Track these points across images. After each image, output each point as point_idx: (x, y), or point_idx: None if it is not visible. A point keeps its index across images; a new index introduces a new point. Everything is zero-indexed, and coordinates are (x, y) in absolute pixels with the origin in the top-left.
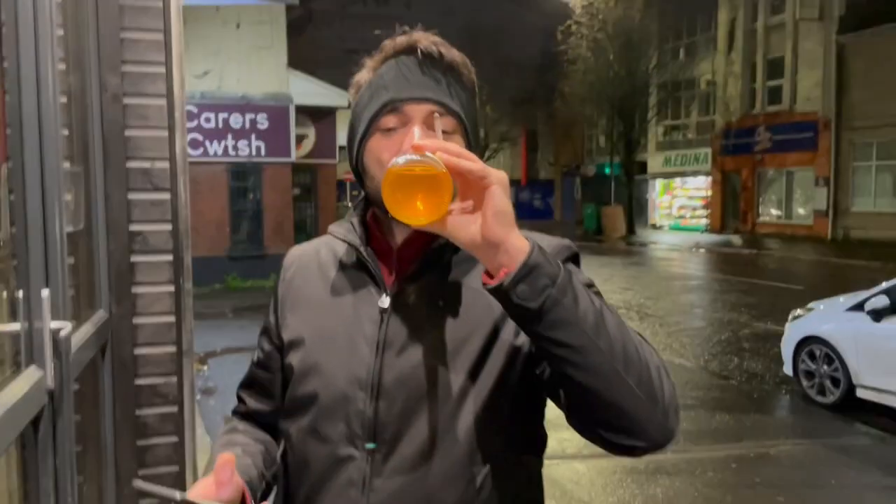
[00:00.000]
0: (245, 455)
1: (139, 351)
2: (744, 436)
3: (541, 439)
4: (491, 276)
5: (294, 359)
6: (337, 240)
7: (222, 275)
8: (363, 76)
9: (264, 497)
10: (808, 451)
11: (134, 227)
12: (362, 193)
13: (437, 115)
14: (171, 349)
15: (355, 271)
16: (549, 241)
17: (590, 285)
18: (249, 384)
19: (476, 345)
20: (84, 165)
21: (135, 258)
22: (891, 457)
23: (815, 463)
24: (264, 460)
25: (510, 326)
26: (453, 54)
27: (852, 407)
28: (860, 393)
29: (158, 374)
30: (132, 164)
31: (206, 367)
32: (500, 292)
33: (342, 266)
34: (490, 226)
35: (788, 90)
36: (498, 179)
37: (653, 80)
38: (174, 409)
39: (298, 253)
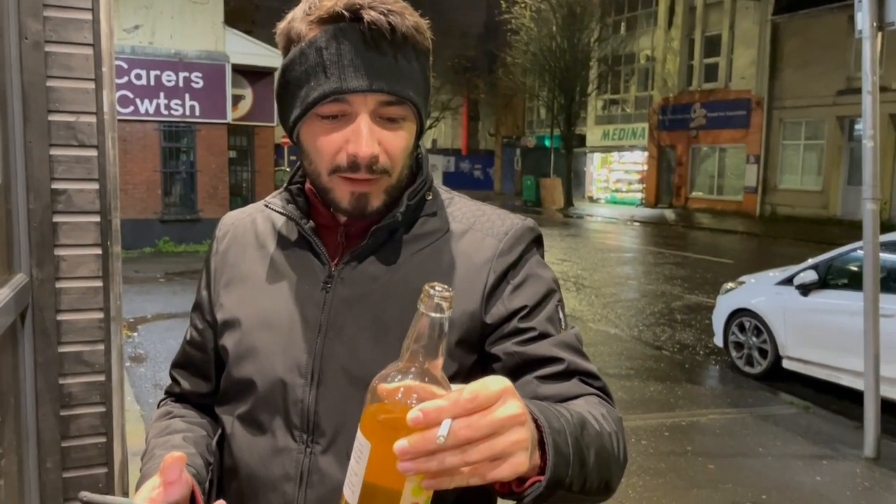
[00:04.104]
0: (187, 444)
1: (63, 317)
2: (676, 405)
3: None
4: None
5: (229, 341)
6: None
7: (154, 238)
8: (296, 28)
9: (213, 484)
10: (737, 419)
11: (57, 185)
12: (300, 162)
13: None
14: (98, 315)
15: (296, 247)
16: (512, 222)
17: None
18: (183, 364)
19: None
20: (1, 117)
21: (58, 218)
22: (815, 426)
23: (743, 431)
24: (207, 446)
25: (465, 307)
26: (406, 23)
27: (778, 377)
28: (786, 364)
29: (84, 342)
30: (55, 118)
31: (135, 334)
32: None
33: (281, 240)
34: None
35: (724, 68)
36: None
37: (594, 54)
38: (101, 377)
39: (231, 221)
